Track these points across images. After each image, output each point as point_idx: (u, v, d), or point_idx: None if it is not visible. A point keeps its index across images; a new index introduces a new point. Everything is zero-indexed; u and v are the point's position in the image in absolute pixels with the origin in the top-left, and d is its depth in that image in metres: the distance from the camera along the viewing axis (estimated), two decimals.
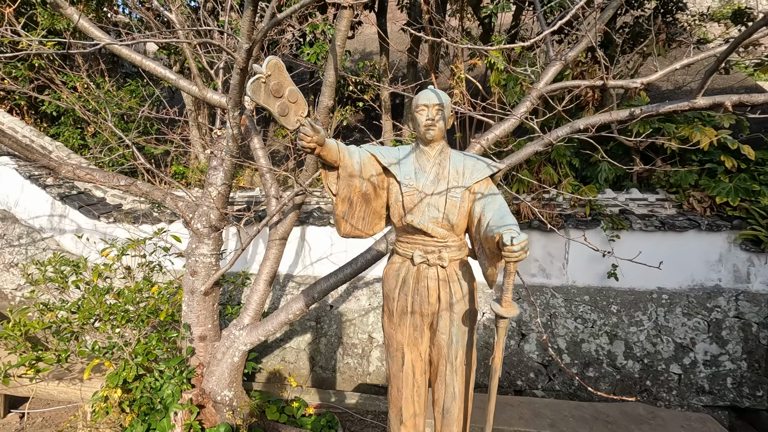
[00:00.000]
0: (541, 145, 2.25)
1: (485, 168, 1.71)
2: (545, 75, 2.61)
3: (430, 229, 1.66)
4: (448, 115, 1.74)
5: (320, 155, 1.46)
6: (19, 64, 6.21)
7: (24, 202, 5.98)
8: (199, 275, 3.16)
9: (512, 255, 1.28)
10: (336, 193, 1.58)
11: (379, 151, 1.71)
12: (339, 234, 1.67)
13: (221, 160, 3.01)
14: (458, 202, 1.66)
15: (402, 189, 1.69)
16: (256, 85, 1.22)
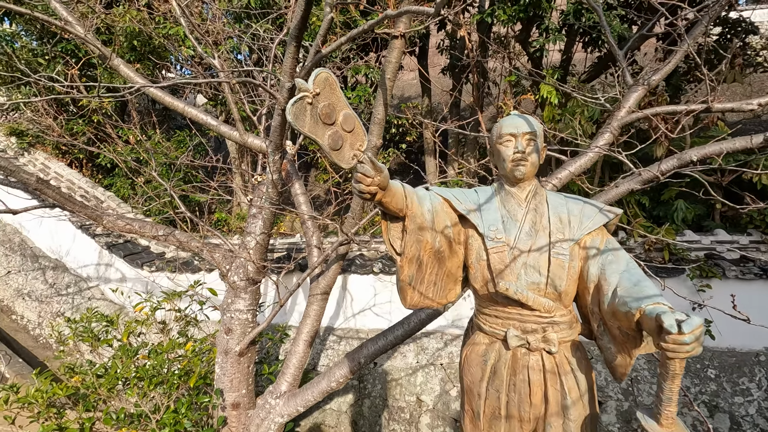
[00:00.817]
0: (638, 182, 1.85)
1: (597, 214, 1.30)
2: (626, 101, 2.25)
3: (531, 299, 1.25)
4: (542, 145, 1.38)
5: (382, 202, 1.11)
6: (80, 120, 6.58)
7: (75, 251, 6.10)
8: (234, 333, 2.87)
9: (680, 349, 0.86)
10: (401, 252, 1.20)
11: (452, 195, 1.35)
12: (404, 305, 1.30)
13: (260, 208, 2.79)
14: (566, 262, 1.25)
15: (486, 244, 1.30)
16: (300, 107, 0.91)
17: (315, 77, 0.92)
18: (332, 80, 0.94)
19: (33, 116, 6.61)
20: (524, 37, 4.76)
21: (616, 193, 1.92)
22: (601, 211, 1.31)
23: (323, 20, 2.25)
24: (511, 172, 1.34)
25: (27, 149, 7.05)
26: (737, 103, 1.87)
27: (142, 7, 5.04)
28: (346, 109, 0.97)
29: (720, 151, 1.72)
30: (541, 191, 1.38)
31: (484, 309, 1.39)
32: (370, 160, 1.02)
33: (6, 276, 6.37)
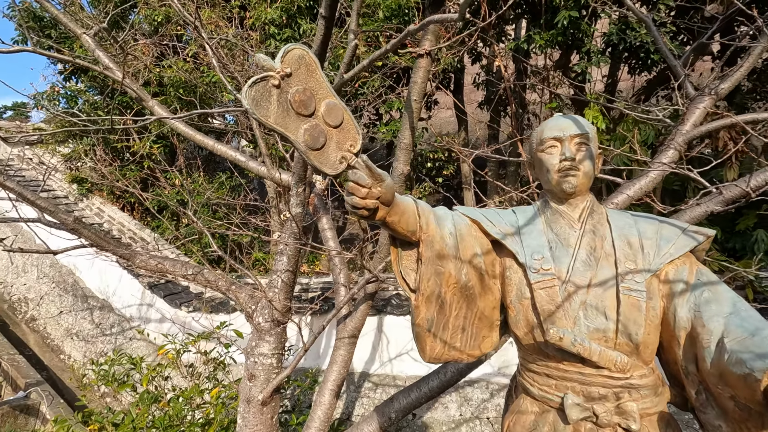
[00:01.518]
0: (719, 202, 1.53)
1: (680, 236, 0.99)
2: (691, 114, 1.96)
3: (596, 353, 0.92)
4: (597, 151, 1.11)
5: (387, 222, 0.87)
6: (133, 166, 6.97)
7: (120, 291, 6.27)
8: (258, 380, 2.67)
9: None
10: (416, 288, 0.94)
11: (483, 215, 1.08)
12: (423, 357, 1.01)
13: (285, 244, 2.66)
14: (642, 301, 0.93)
15: (530, 277, 1.01)
16: (262, 91, 0.70)
17: (285, 53, 0.73)
18: (310, 60, 0.75)
19: (92, 164, 7.11)
20: (564, 62, 4.55)
21: (691, 216, 1.60)
22: (686, 232, 1.00)
23: (347, 47, 2.16)
24: (558, 185, 1.06)
25: (86, 195, 7.54)
26: None
27: (188, 59, 5.36)
28: (330, 98, 0.76)
29: None
30: (599, 209, 1.09)
31: (531, 364, 1.06)
32: (365, 165, 0.79)
33: (58, 316, 6.63)
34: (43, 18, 5.45)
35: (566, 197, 1.08)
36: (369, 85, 4.53)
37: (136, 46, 5.00)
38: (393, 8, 4.52)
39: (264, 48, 5.03)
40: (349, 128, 0.80)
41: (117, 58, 3.63)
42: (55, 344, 6.43)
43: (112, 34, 3.72)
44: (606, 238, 1.02)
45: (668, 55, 2.32)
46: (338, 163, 0.80)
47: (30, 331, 6.68)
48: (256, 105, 0.72)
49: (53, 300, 6.78)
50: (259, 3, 5.32)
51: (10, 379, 5.29)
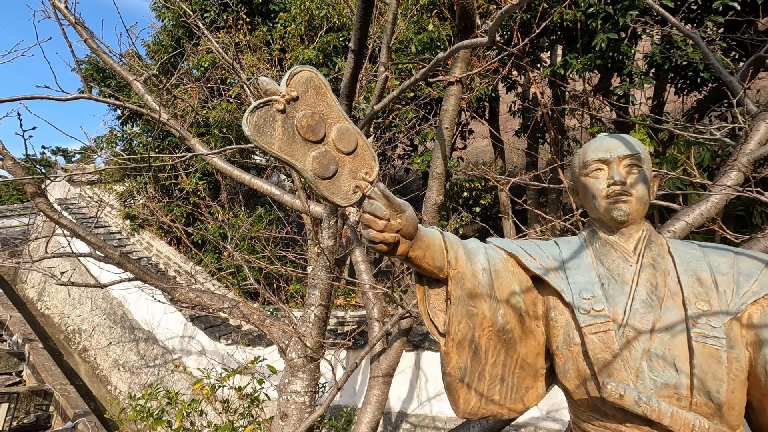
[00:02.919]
0: None
1: (763, 270, 0.84)
2: (755, 132, 1.78)
3: (667, 415, 0.76)
4: (651, 174, 0.97)
5: (410, 257, 0.79)
6: (180, 202, 7.33)
7: (164, 323, 6.46)
8: (290, 419, 2.58)
9: None
10: (445, 332, 0.84)
11: (521, 247, 0.96)
12: (456, 413, 0.86)
13: (318, 278, 2.62)
14: (722, 349, 0.79)
15: (579, 319, 0.87)
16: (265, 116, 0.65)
17: (291, 75, 0.68)
18: (319, 82, 0.70)
19: (143, 201, 7.55)
20: (604, 85, 4.39)
21: (766, 245, 1.41)
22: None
23: (378, 79, 2.17)
24: (607, 213, 0.94)
25: (137, 230, 7.97)
26: None
27: (231, 99, 5.66)
28: (341, 122, 0.70)
29: None
30: (658, 239, 0.95)
31: (585, 423, 0.90)
32: (382, 194, 0.72)
33: (107, 347, 6.89)
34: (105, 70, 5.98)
35: (617, 226, 0.95)
36: (402, 116, 4.56)
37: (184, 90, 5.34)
38: (425, 42, 4.59)
39: None
40: (365, 155, 0.74)
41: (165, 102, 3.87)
42: (103, 375, 6.66)
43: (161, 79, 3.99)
44: (669, 273, 0.88)
45: (722, 71, 2.16)
46: (352, 193, 0.74)
47: (82, 362, 6.97)
48: (258, 131, 0.67)
49: (104, 331, 7.08)
50: (297, 45, 5.59)
51: (60, 409, 5.48)
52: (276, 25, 6.12)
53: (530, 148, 5.75)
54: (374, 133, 4.57)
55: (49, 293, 8.42)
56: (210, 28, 4.44)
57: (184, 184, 6.49)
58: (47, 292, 8.44)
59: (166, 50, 7.66)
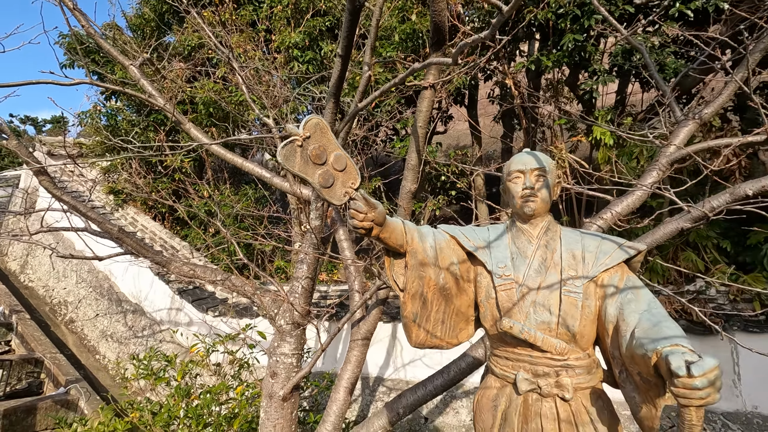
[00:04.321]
0: (688, 220, 1.71)
1: (616, 250, 1.22)
2: (676, 137, 2.13)
3: (540, 340, 1.16)
4: (554, 182, 1.35)
5: (380, 237, 1.14)
6: (165, 178, 7.43)
7: (152, 296, 6.67)
8: (279, 377, 2.92)
9: (693, 395, 0.76)
10: (403, 288, 1.20)
11: (461, 232, 1.34)
12: (410, 343, 1.27)
13: (305, 253, 2.92)
14: (579, 300, 1.17)
15: (495, 281, 1.26)
16: (290, 150, 1.00)
17: (305, 123, 1.01)
18: (323, 125, 1.02)
19: (127, 177, 7.61)
20: (573, 80, 4.71)
21: (663, 232, 1.77)
22: (621, 247, 1.22)
23: (361, 78, 2.43)
24: (521, 209, 1.31)
25: (121, 205, 8.05)
26: None
27: (218, 80, 5.77)
28: (337, 151, 1.04)
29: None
30: (554, 227, 1.33)
31: (495, 350, 1.31)
32: (362, 197, 1.06)
33: (94, 318, 7.08)
34: (89, 44, 5.96)
35: (528, 218, 1.33)
36: (386, 104, 4.81)
37: (171, 69, 5.42)
38: (408, 32, 4.79)
39: (287, 69, 5.38)
40: (351, 171, 1.08)
41: (156, 83, 4.00)
42: (91, 345, 6.87)
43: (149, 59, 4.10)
44: (556, 251, 1.26)
45: (658, 80, 2.50)
46: (343, 196, 1.08)
47: (69, 333, 7.15)
48: (286, 159, 1.02)
49: (90, 303, 7.25)
50: (283, 27, 5.70)
51: (52, 376, 5.71)
52: (262, 5, 6.17)
53: (506, 135, 6.08)
54: (359, 120, 4.81)
55: (32, 266, 8.48)
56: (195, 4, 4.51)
57: (169, 161, 6.60)
58: (30, 265, 8.49)
59: (148, 24, 7.59)
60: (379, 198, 5.81)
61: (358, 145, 4.80)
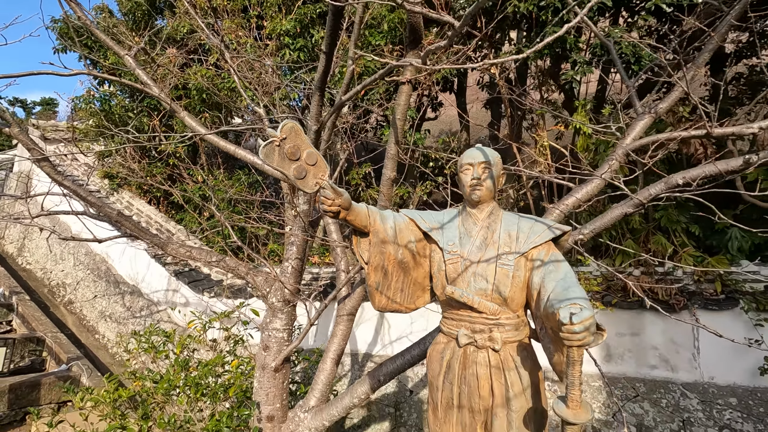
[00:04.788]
0: (630, 206, 1.92)
1: (545, 230, 1.46)
2: (632, 130, 2.33)
3: (477, 302, 1.42)
4: (498, 173, 1.57)
5: (347, 219, 1.38)
6: (159, 163, 7.55)
7: (148, 278, 6.86)
8: (271, 350, 3.15)
9: (573, 337, 0.99)
10: (368, 262, 1.45)
11: (419, 215, 1.58)
12: (374, 307, 1.50)
13: (295, 236, 3.12)
14: (511, 271, 1.42)
15: (445, 256, 1.50)
16: (269, 149, 1.22)
17: (282, 127, 1.20)
18: (297, 128, 1.21)
19: (122, 161, 7.71)
20: (556, 70, 4.87)
21: (611, 216, 1.99)
22: (550, 228, 1.45)
23: (346, 71, 2.59)
24: (469, 196, 1.55)
25: (116, 189, 8.17)
26: (738, 128, 1.89)
27: (210, 66, 5.86)
28: (309, 149, 1.25)
29: (701, 174, 1.76)
30: (498, 212, 1.56)
31: (444, 313, 1.57)
32: (330, 186, 1.27)
33: (93, 299, 7.28)
34: (80, 29, 6.01)
35: (475, 204, 1.56)
36: (374, 92, 4.95)
37: (163, 56, 5.50)
38: (397, 21, 4.90)
39: (279, 57, 5.48)
40: (321, 165, 1.29)
41: (150, 70, 4.12)
42: (90, 325, 7.09)
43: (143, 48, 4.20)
44: (496, 231, 1.50)
45: (623, 76, 2.68)
46: (314, 186, 1.30)
47: (68, 313, 7.36)
48: (266, 157, 1.23)
49: (88, 285, 7.44)
50: (275, 14, 5.77)
51: (53, 354, 5.93)
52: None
53: (493, 122, 6.25)
54: (349, 107, 4.95)
55: (29, 249, 8.62)
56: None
57: (164, 147, 6.72)
58: (27, 248, 8.63)
59: (140, 8, 7.59)
60: (369, 183, 5.99)
61: (348, 132, 4.96)
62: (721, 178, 1.76)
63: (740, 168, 1.66)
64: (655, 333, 3.91)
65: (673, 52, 2.89)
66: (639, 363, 3.93)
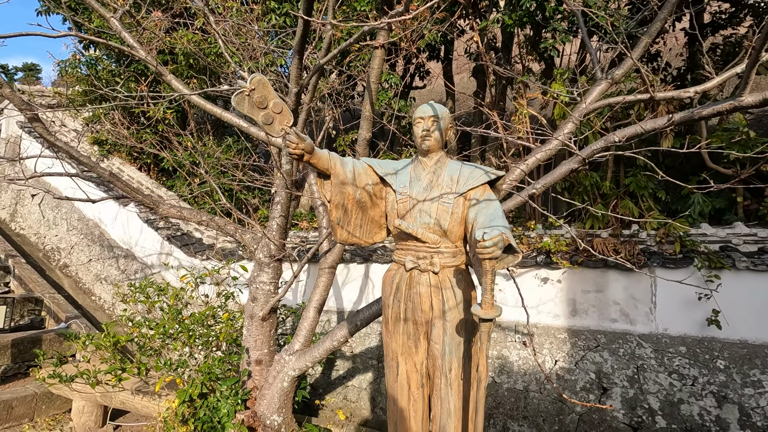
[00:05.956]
0: (576, 162, 2.13)
1: (482, 175, 1.69)
2: (590, 94, 2.51)
3: (421, 234, 1.67)
4: (446, 126, 1.78)
5: (310, 162, 1.59)
6: (148, 129, 7.59)
7: (142, 242, 7.06)
8: (259, 301, 3.40)
9: (484, 252, 1.23)
10: (329, 200, 1.67)
11: (377, 162, 1.81)
12: (336, 240, 1.73)
13: (279, 195, 3.31)
14: (450, 208, 1.66)
15: (397, 197, 1.75)
16: (240, 98, 1.42)
17: (251, 79, 1.38)
18: (264, 81, 1.40)
19: (110, 127, 7.74)
20: (536, 39, 4.96)
21: (559, 173, 2.20)
22: (487, 173, 1.69)
23: (324, 37, 2.72)
24: (420, 145, 1.78)
25: (106, 156, 8.23)
26: (676, 92, 2.09)
27: (197, 31, 5.85)
28: (275, 99, 1.43)
29: (634, 132, 1.96)
30: (444, 160, 1.79)
31: (396, 245, 1.84)
32: (294, 132, 1.47)
33: (88, 263, 7.48)
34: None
35: (425, 153, 1.80)
36: (360, 58, 5.03)
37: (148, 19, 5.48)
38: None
39: (265, 22, 5.49)
40: (286, 114, 1.47)
41: (135, 33, 4.16)
42: (86, 287, 7.32)
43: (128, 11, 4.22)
44: (441, 176, 1.73)
45: (587, 43, 2.84)
46: (280, 131, 1.49)
47: (64, 276, 7.57)
48: (237, 104, 1.42)
49: (83, 249, 7.63)
50: None
51: (52, 313, 6.18)
52: None
53: (477, 92, 6.36)
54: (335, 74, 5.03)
55: (21, 214, 8.72)
56: None
57: (152, 112, 6.76)
58: (20, 213, 8.74)
59: None
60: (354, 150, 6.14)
61: (333, 98, 5.07)
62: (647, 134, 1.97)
63: (665, 125, 1.86)
64: (618, 290, 4.22)
65: (639, 23, 3.04)
66: (601, 317, 4.26)
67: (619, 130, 2.02)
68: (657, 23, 2.39)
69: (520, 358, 4.45)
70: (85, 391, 3.55)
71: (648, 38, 2.42)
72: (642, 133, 1.96)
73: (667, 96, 2.13)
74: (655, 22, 2.40)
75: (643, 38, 2.44)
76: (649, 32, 2.43)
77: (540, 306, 4.50)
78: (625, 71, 2.52)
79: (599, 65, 2.77)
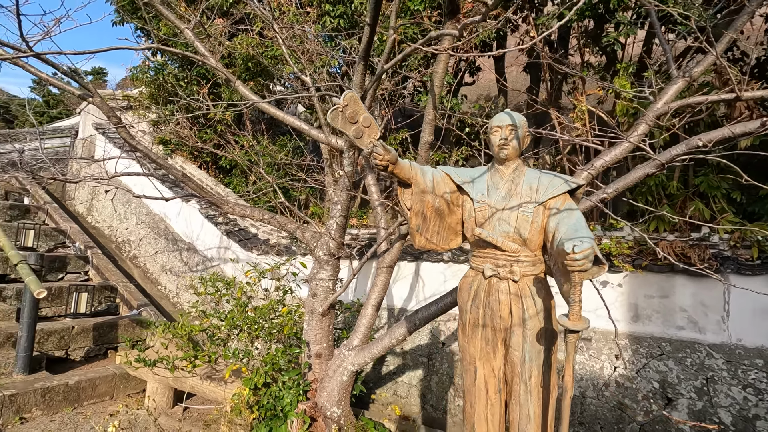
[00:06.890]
0: (653, 166, 2.05)
1: (562, 184, 1.68)
2: (665, 94, 2.40)
3: (500, 242, 1.69)
4: (523, 135, 1.78)
5: (393, 173, 1.66)
6: (208, 129, 8.03)
7: (202, 236, 7.50)
8: (318, 297, 3.54)
9: (574, 264, 1.23)
10: (410, 208, 1.74)
11: (454, 171, 1.85)
12: (415, 246, 1.79)
13: (339, 196, 3.42)
14: (530, 217, 1.67)
15: (474, 205, 1.78)
16: (334, 114, 1.53)
17: (344, 96, 1.47)
18: (356, 97, 1.48)
19: (174, 128, 8.26)
20: (598, 32, 4.75)
21: (633, 177, 2.12)
22: (567, 182, 1.66)
23: (387, 41, 2.78)
24: (497, 154, 1.79)
25: (170, 155, 8.78)
26: (765, 91, 1.96)
27: (255, 35, 6.11)
28: (365, 114, 1.51)
29: (720, 136, 1.85)
30: (522, 168, 1.79)
31: (473, 253, 1.86)
32: (381, 145, 1.54)
33: (154, 255, 8.06)
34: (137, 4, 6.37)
35: (502, 162, 1.81)
36: (412, 60, 5.06)
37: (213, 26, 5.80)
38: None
39: (320, 24, 5.64)
40: (374, 127, 1.55)
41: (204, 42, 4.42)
42: (153, 277, 7.89)
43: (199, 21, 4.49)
44: (519, 184, 1.73)
45: (660, 37, 2.71)
46: (368, 144, 1.58)
47: (133, 267, 8.20)
48: (332, 120, 1.52)
49: (150, 242, 8.22)
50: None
51: (125, 300, 6.73)
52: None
53: (531, 87, 6.20)
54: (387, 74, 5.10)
55: (96, 209, 9.51)
56: None
57: (212, 114, 7.13)
58: (95, 208, 9.53)
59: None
60: (406, 148, 6.18)
61: (386, 98, 5.14)
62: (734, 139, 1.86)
63: (757, 130, 1.75)
64: (685, 296, 4.00)
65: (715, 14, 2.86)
66: (666, 324, 4.06)
67: (704, 134, 1.92)
68: (744, 17, 2.24)
69: (577, 362, 4.33)
70: (160, 375, 3.86)
71: (733, 33, 2.28)
72: (731, 137, 1.85)
73: (756, 96, 1.99)
74: (742, 15, 2.25)
75: (727, 33, 2.30)
76: (734, 26, 2.28)
77: (599, 310, 4.34)
78: (705, 68, 2.39)
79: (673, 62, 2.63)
